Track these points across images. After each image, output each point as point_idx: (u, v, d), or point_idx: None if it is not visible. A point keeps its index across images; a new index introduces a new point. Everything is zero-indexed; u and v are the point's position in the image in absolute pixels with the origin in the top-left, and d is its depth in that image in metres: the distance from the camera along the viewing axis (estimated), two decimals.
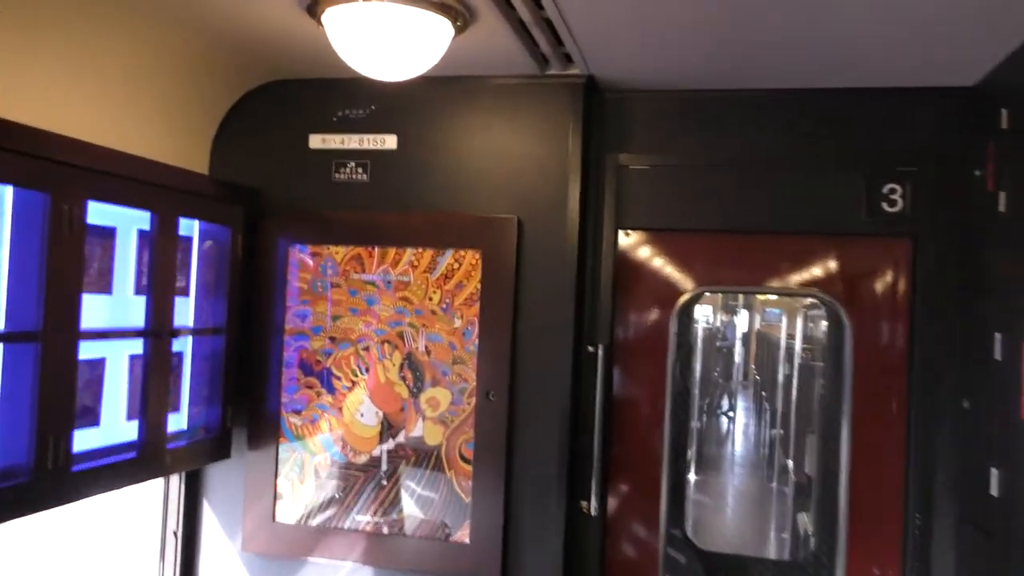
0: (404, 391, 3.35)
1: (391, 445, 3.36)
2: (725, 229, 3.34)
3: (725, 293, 8.87)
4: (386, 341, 3.37)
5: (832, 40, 2.70)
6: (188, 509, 3.53)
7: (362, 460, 3.38)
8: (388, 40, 2.53)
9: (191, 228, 3.30)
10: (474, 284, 3.28)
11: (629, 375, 3.41)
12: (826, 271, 3.29)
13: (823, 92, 3.20)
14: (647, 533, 3.38)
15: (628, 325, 3.41)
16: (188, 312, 3.34)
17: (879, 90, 3.15)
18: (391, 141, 3.38)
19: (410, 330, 3.34)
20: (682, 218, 3.36)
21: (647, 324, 3.40)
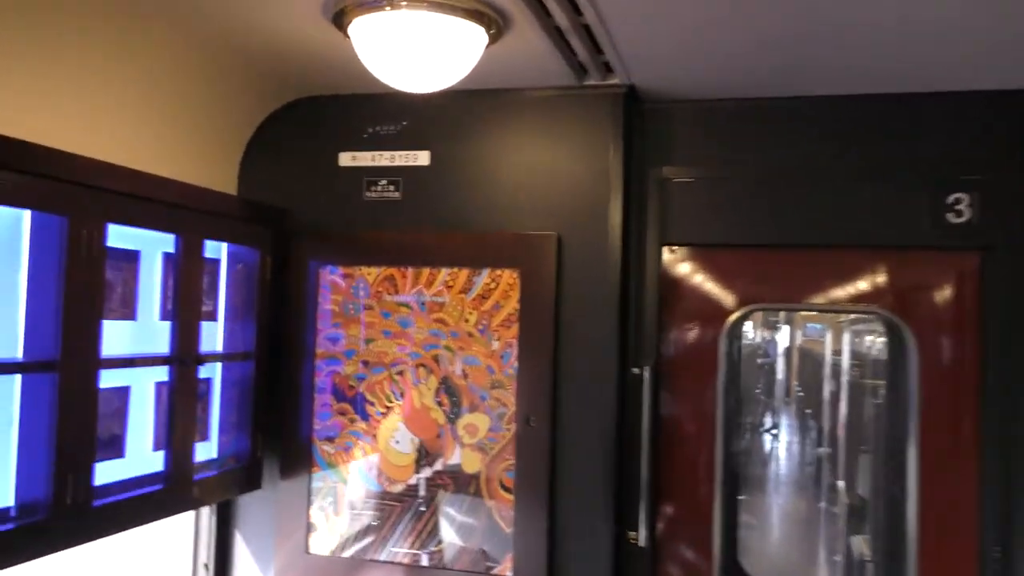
0: (440, 417, 3.23)
1: (428, 473, 3.23)
2: (775, 244, 3.20)
3: (779, 311, 8.66)
4: (421, 365, 3.25)
5: (911, 40, 2.53)
6: (220, 541, 3.43)
7: (398, 489, 3.26)
8: (418, 49, 2.43)
9: (218, 250, 3.22)
10: (512, 304, 3.16)
11: (676, 397, 3.27)
12: (886, 286, 3.12)
13: (877, 98, 3.05)
14: (699, 562, 3.23)
15: (674, 345, 3.28)
16: (216, 337, 3.25)
17: (941, 94, 2.99)
18: (424, 157, 3.28)
19: (446, 353, 3.22)
20: (730, 233, 3.22)
21: (695, 343, 3.26)
